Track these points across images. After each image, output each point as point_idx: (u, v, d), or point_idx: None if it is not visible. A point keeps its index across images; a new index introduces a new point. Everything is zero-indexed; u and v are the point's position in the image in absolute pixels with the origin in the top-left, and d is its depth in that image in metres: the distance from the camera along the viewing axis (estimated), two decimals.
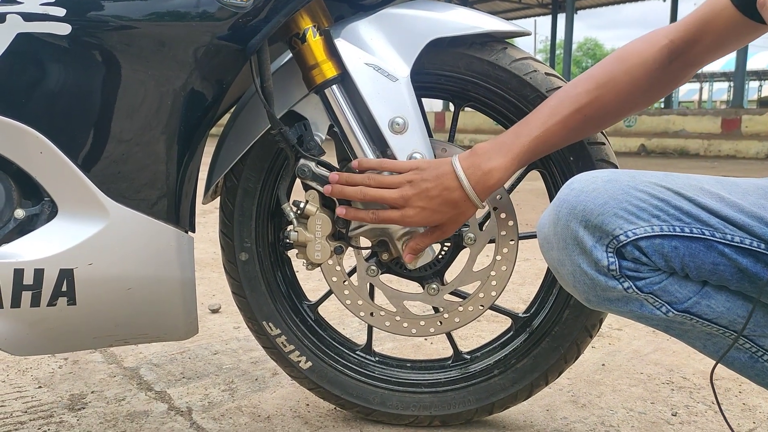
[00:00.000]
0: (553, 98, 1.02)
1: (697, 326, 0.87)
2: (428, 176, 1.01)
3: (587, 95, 0.99)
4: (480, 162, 1.00)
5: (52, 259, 0.95)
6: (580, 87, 1.00)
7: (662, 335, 1.83)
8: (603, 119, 1.02)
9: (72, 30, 0.90)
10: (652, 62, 0.98)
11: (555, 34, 19.13)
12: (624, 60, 0.99)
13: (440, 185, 1.00)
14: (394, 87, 1.06)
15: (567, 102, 1.00)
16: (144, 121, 0.97)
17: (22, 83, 0.91)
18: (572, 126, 1.00)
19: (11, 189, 0.97)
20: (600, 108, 1.00)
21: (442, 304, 1.20)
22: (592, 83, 0.99)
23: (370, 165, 1.07)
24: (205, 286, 2.30)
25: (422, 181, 1.01)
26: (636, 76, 0.99)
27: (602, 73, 1.00)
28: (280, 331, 1.26)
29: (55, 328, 1.00)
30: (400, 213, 1.03)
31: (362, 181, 1.04)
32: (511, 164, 1.00)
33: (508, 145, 1.00)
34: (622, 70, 0.99)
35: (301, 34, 1.07)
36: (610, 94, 0.99)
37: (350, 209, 1.07)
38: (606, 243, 0.83)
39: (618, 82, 0.99)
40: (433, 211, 1.01)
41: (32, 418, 1.31)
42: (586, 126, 1.02)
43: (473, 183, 1.00)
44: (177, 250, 1.04)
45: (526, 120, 1.02)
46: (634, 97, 1.01)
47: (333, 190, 1.06)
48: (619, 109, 1.01)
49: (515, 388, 1.23)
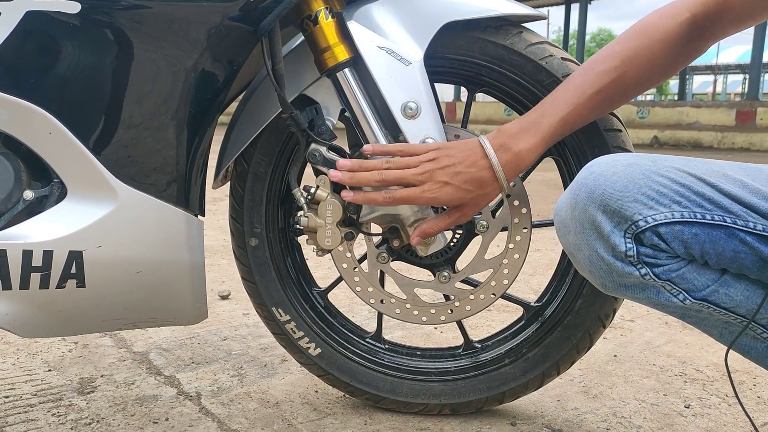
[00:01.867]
0: (576, 76, 0.99)
1: (715, 314, 0.85)
2: (453, 153, 0.98)
3: (610, 73, 0.96)
4: (509, 142, 0.97)
5: (61, 241, 0.95)
6: (604, 65, 0.97)
7: (675, 327, 1.81)
8: (624, 96, 1.00)
9: (82, 8, 0.89)
10: (674, 37, 0.96)
11: (568, 24, 18.96)
12: (646, 35, 0.97)
13: (467, 161, 0.97)
14: (408, 71, 1.04)
15: (591, 80, 0.97)
16: (154, 102, 0.96)
17: (31, 62, 0.90)
18: (598, 103, 0.98)
19: (20, 170, 0.96)
20: (622, 85, 0.97)
21: (453, 292, 1.18)
22: (615, 60, 0.97)
23: (386, 149, 1.02)
24: (215, 272, 2.30)
25: (446, 156, 0.98)
26: (657, 52, 0.96)
27: (625, 50, 0.97)
28: (289, 318, 1.25)
29: (64, 311, 0.99)
30: (419, 190, 0.98)
31: (378, 166, 0.99)
32: (540, 144, 0.98)
33: (536, 125, 0.97)
34: (645, 45, 0.96)
35: (313, 16, 1.05)
36: (632, 70, 0.97)
37: (358, 192, 1.02)
38: (624, 228, 0.81)
39: (641, 59, 0.96)
40: (456, 187, 0.97)
41: (42, 401, 1.31)
42: (608, 104, 1.00)
43: (502, 163, 0.97)
44: (186, 233, 1.03)
45: (552, 99, 0.99)
46: (655, 73, 0.98)
47: (343, 177, 1.01)
48: (640, 85, 0.99)
49: (526, 378, 1.22)
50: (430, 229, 1.04)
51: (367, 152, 1.03)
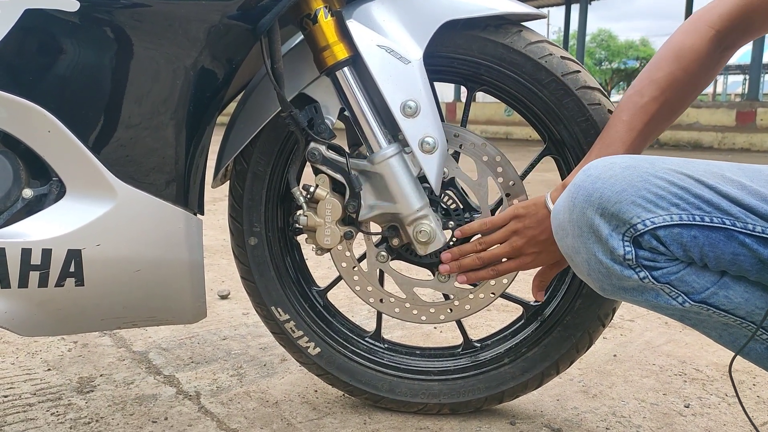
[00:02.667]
0: (623, 111, 1.02)
1: (714, 317, 0.85)
2: (531, 223, 1.05)
3: (655, 102, 0.99)
4: None
5: (60, 239, 0.94)
6: (647, 95, 1.00)
7: (675, 327, 1.81)
8: (670, 119, 1.03)
9: (81, 6, 0.88)
10: (705, 55, 0.98)
11: (568, 24, 18.96)
12: (681, 58, 0.99)
13: (546, 229, 1.02)
14: (407, 70, 1.04)
15: (639, 114, 1.00)
16: (154, 101, 0.96)
17: (30, 61, 0.90)
18: (647, 133, 1.01)
19: (19, 168, 0.96)
20: (667, 110, 1.01)
21: (453, 291, 1.18)
22: (656, 89, 0.99)
23: (472, 230, 1.12)
24: (214, 272, 2.29)
25: (526, 229, 1.05)
26: (693, 72, 0.99)
27: (664, 77, 0.99)
28: (288, 317, 1.25)
29: (63, 309, 0.99)
30: (517, 262, 1.08)
31: (473, 249, 1.11)
32: None
33: None
34: (681, 68, 0.99)
35: (312, 14, 1.05)
36: (675, 95, 1.00)
37: (470, 274, 1.12)
38: (622, 232, 0.81)
39: (680, 82, 0.99)
40: (548, 252, 1.05)
41: (41, 400, 1.31)
42: (657, 131, 1.03)
43: None
44: (185, 232, 1.03)
45: (605, 141, 1.02)
46: (694, 90, 1.02)
47: (452, 267, 1.12)
48: (683, 105, 1.03)
49: (526, 377, 1.22)
50: (542, 282, 1.13)
51: (457, 236, 1.14)
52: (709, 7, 1.00)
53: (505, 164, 1.13)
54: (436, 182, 1.07)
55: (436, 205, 1.13)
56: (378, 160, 1.08)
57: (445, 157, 1.07)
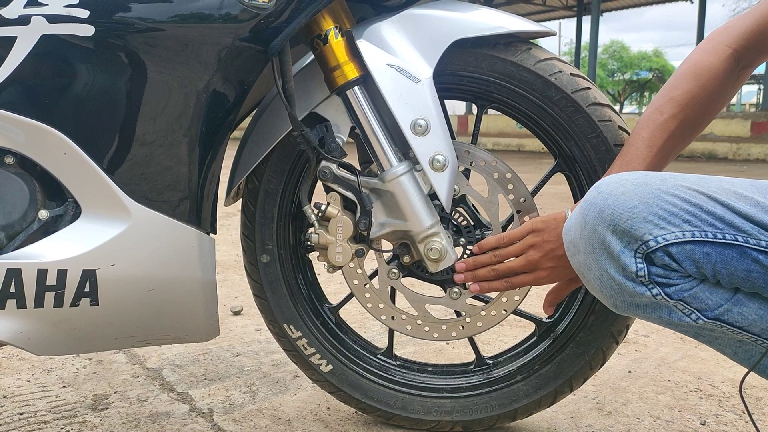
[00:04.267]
0: (642, 129, 1.02)
1: (728, 333, 0.84)
2: (549, 237, 1.04)
3: (674, 120, 1.00)
4: None
5: (76, 260, 0.96)
6: (666, 112, 1.00)
7: (690, 342, 1.79)
8: (689, 137, 1.03)
9: (95, 31, 0.90)
10: (723, 74, 0.99)
11: (580, 36, 18.97)
12: (699, 76, 0.99)
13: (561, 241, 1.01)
14: (417, 88, 1.05)
15: (659, 131, 1.00)
16: (167, 122, 0.98)
17: (46, 85, 0.92)
18: (668, 150, 1.01)
19: (35, 190, 0.98)
20: (687, 128, 1.01)
21: (465, 308, 1.18)
22: (675, 106, 1.00)
23: (489, 244, 1.10)
24: (227, 288, 2.31)
25: (544, 243, 1.04)
26: (712, 90, 0.99)
27: (682, 94, 1.00)
28: (301, 334, 1.25)
29: (78, 329, 1.00)
30: (532, 276, 1.07)
31: (488, 261, 1.09)
32: None
33: None
34: (700, 86, 0.99)
35: (322, 35, 1.06)
36: (694, 112, 1.00)
37: (483, 284, 1.11)
38: (635, 248, 0.81)
39: (698, 100, 0.99)
40: (564, 267, 1.03)
41: (56, 417, 1.32)
42: (678, 146, 1.03)
43: None
44: (198, 251, 1.04)
45: (625, 158, 1.02)
46: (713, 108, 1.02)
47: (466, 277, 1.11)
48: (702, 123, 1.03)
49: (539, 395, 1.21)
50: (556, 298, 1.12)
51: (475, 251, 1.12)
52: (725, 26, 1.01)
53: (515, 181, 1.13)
54: (447, 200, 1.07)
55: (447, 223, 1.14)
56: (389, 178, 1.08)
57: (455, 174, 1.08)
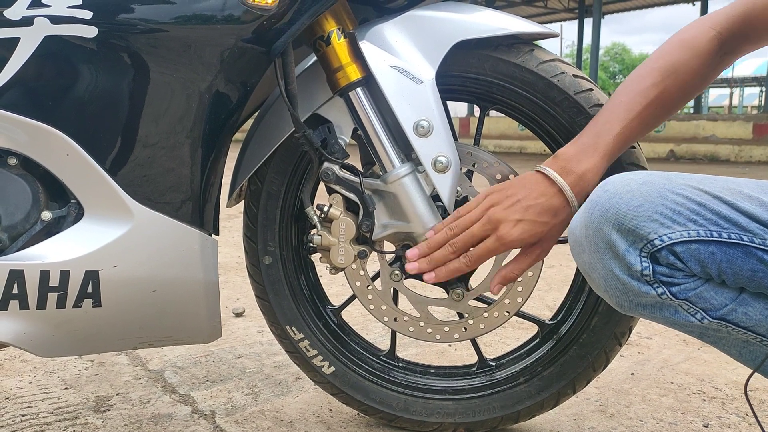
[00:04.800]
0: (621, 94, 1.00)
1: (733, 334, 0.84)
2: (513, 191, 0.96)
3: (655, 88, 0.97)
4: (571, 166, 0.96)
5: (78, 261, 0.96)
6: (648, 80, 0.98)
7: (693, 344, 1.79)
8: (668, 111, 1.01)
9: (98, 32, 0.90)
10: (707, 53, 0.97)
11: (581, 38, 18.98)
12: (687, 48, 0.98)
13: (534, 192, 0.95)
14: (419, 89, 1.05)
15: (639, 97, 0.97)
16: (169, 124, 0.98)
17: (49, 86, 0.92)
18: (646, 119, 0.99)
19: (38, 191, 0.98)
20: (667, 98, 0.98)
21: (467, 309, 1.18)
22: (657, 76, 0.98)
23: (444, 222, 1.03)
24: (229, 289, 2.30)
25: (507, 196, 0.96)
26: (694, 67, 0.98)
27: (665, 65, 0.98)
28: (303, 336, 1.25)
29: (81, 330, 1.00)
30: (495, 237, 0.96)
31: (445, 238, 1.00)
32: (601, 163, 0.96)
33: (593, 145, 0.97)
34: (683, 60, 0.97)
35: (325, 36, 1.06)
36: (674, 84, 0.98)
37: (440, 269, 1.01)
38: (640, 247, 0.80)
39: (680, 73, 0.98)
40: (531, 222, 0.95)
41: (58, 419, 1.32)
42: (657, 119, 1.01)
43: (570, 186, 0.95)
44: (201, 252, 1.04)
45: (602, 119, 0.98)
46: (692, 87, 1.00)
47: (421, 265, 1.01)
48: (680, 99, 1.00)
49: (542, 396, 1.21)
50: (511, 274, 1.02)
51: (429, 237, 1.03)
52: (714, 11, 1.01)
53: None
54: (450, 201, 1.07)
55: None
56: (391, 180, 1.08)
57: (458, 175, 1.07)
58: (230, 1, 0.94)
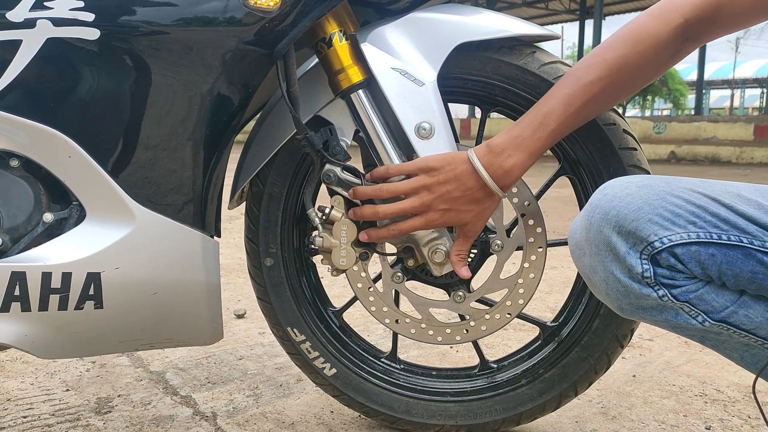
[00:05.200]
0: (564, 85, 0.99)
1: (735, 337, 0.84)
2: (445, 178, 1.00)
3: (600, 82, 0.96)
4: (499, 161, 0.99)
5: (80, 263, 0.96)
6: (593, 74, 0.97)
7: (695, 346, 1.79)
8: (614, 100, 1.01)
9: (101, 35, 0.91)
10: (665, 42, 0.95)
11: (582, 40, 18.99)
12: (638, 42, 0.95)
13: (462, 186, 1.00)
14: (421, 91, 1.05)
15: (580, 92, 0.97)
16: (171, 125, 0.98)
17: (51, 88, 0.92)
18: (585, 114, 1.00)
19: (40, 193, 0.98)
20: (612, 91, 0.98)
21: (469, 311, 1.18)
22: (604, 69, 0.96)
23: (378, 173, 1.06)
24: (230, 291, 2.30)
25: (439, 184, 1.01)
26: (648, 58, 0.96)
27: (615, 58, 0.96)
28: (304, 338, 1.25)
29: (82, 332, 1.00)
30: (424, 219, 1.03)
31: (374, 193, 1.05)
32: (529, 160, 1.00)
33: (525, 140, 0.98)
34: (636, 53, 0.95)
35: (327, 38, 1.06)
36: (622, 77, 0.97)
37: (371, 231, 1.07)
38: (640, 249, 0.81)
39: (630, 66, 0.96)
40: (458, 211, 1.02)
41: (59, 420, 1.32)
42: (599, 110, 1.02)
43: (495, 180, 1.00)
44: (202, 254, 1.04)
45: (540, 111, 0.99)
46: (643, 78, 0.99)
47: (355, 212, 1.07)
48: (630, 88, 0.99)
49: (543, 399, 1.20)
50: (459, 253, 1.08)
51: (368, 180, 1.08)
52: None
53: (519, 184, 1.12)
54: None
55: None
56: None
57: None
58: (232, 4, 0.94)
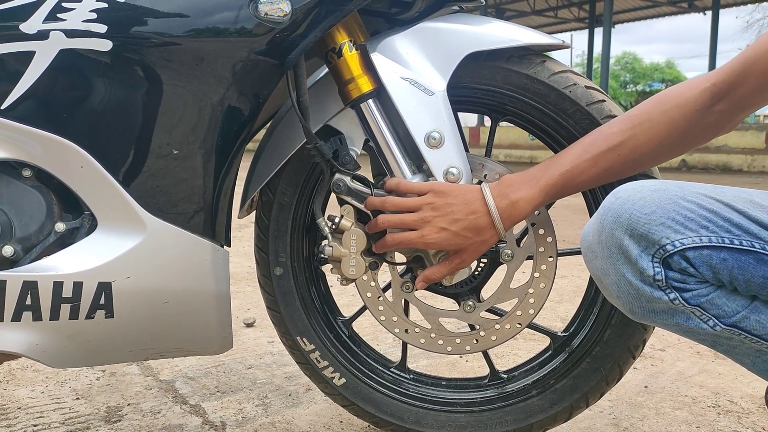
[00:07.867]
0: (588, 136, 1.02)
1: (746, 342, 0.83)
2: (453, 201, 1.01)
3: (621, 135, 0.98)
4: (508, 191, 1.00)
5: (91, 272, 0.96)
6: (615, 127, 0.99)
7: (707, 357, 1.77)
8: (639, 160, 1.00)
9: (113, 46, 0.91)
10: (692, 104, 0.95)
11: (592, 48, 18.97)
12: (662, 102, 0.97)
13: (467, 209, 1.00)
14: (431, 101, 1.05)
15: (600, 141, 0.99)
16: (182, 135, 0.98)
17: (64, 99, 0.93)
18: (605, 165, 0.99)
19: (52, 203, 0.98)
20: (635, 148, 0.98)
21: (479, 321, 1.17)
22: (627, 123, 0.98)
23: (389, 185, 1.07)
24: (240, 300, 2.31)
25: (446, 205, 1.01)
26: (674, 117, 0.96)
27: (638, 114, 0.98)
28: (314, 347, 1.25)
29: (93, 341, 1.01)
30: (418, 233, 1.01)
31: (380, 204, 1.05)
32: (537, 196, 1.00)
33: (536, 177, 1.00)
34: (660, 111, 0.97)
35: (337, 48, 1.07)
36: (645, 134, 0.97)
37: (378, 242, 1.07)
38: (652, 252, 0.81)
39: (654, 123, 0.97)
40: (454, 233, 1.00)
41: (69, 429, 1.32)
42: (621, 167, 1.00)
43: (500, 211, 0.99)
44: (212, 264, 1.04)
45: (559, 155, 1.02)
46: (672, 138, 0.98)
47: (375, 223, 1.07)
48: (656, 150, 0.98)
49: (554, 410, 1.19)
50: (431, 275, 1.07)
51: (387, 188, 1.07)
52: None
53: None
54: None
55: None
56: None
57: None
58: (243, 15, 0.95)
